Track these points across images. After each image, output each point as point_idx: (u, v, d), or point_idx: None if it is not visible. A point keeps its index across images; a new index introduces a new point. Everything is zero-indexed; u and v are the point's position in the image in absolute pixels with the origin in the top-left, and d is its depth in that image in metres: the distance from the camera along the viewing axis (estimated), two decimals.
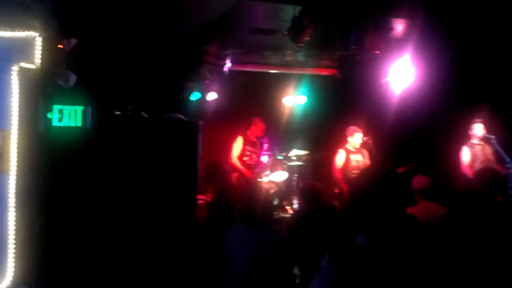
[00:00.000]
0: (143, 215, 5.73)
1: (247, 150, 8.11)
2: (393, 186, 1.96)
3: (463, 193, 4.11)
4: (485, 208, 3.91)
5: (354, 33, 5.63)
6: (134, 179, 5.83)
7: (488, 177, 4.68)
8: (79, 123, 5.42)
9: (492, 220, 3.76)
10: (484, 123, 7.25)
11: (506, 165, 6.66)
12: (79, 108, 5.40)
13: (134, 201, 5.74)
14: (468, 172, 7.00)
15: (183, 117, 6.70)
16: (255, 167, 8.17)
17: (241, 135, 8.11)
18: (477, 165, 7.04)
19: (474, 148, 7.24)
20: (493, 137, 6.96)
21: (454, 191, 6.60)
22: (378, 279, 1.82)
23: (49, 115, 5.01)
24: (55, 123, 5.32)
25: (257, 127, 8.17)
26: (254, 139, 8.20)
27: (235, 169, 8.05)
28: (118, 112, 6.07)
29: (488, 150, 7.18)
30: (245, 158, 8.08)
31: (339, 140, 7.86)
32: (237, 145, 8.05)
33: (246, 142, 8.10)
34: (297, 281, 4.30)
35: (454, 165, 7.33)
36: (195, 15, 5.79)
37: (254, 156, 8.20)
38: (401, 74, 6.49)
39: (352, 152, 7.63)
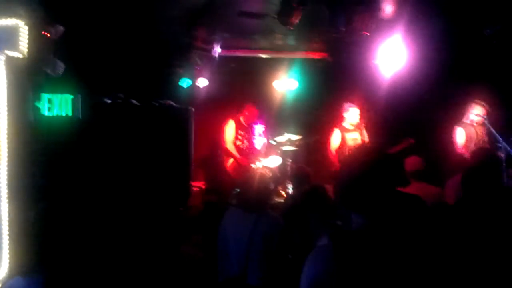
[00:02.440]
0: (136, 203, 5.71)
1: (239, 135, 8.00)
2: (384, 166, 1.96)
3: (463, 174, 4.12)
4: (487, 189, 3.90)
5: (343, 15, 5.60)
6: (126, 168, 5.80)
7: (486, 156, 4.70)
8: (69, 112, 5.37)
9: (494, 201, 3.76)
10: (483, 104, 7.20)
11: (498, 144, 6.66)
12: (69, 97, 5.35)
13: (127, 189, 5.72)
14: (465, 153, 7.00)
15: (174, 103, 6.66)
16: (247, 152, 8.10)
17: (233, 118, 7.99)
18: (472, 146, 7.04)
19: (468, 128, 7.23)
20: (485, 116, 6.96)
21: (449, 171, 6.62)
22: (375, 259, 1.82)
23: (38, 105, 4.96)
24: (45, 112, 5.28)
25: (250, 113, 8.06)
26: (246, 125, 8.12)
27: (229, 155, 7.95)
28: (108, 100, 6.03)
29: (482, 130, 7.16)
30: (238, 143, 7.98)
31: (334, 120, 7.82)
32: (230, 128, 7.85)
33: (238, 126, 7.99)
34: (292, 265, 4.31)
35: (447, 145, 7.33)
36: None
37: (245, 141, 8.11)
38: (392, 55, 6.46)
39: (349, 130, 7.58)
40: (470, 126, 7.21)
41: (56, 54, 4.91)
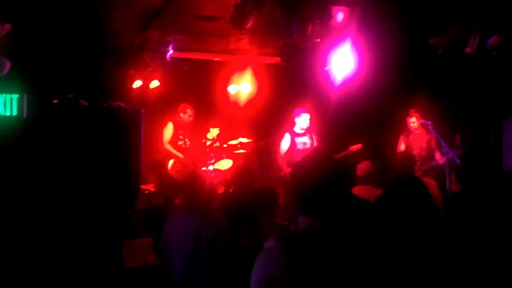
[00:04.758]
0: (84, 206, 5.59)
1: (180, 134, 7.93)
2: (335, 171, 2.01)
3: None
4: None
5: (296, 21, 5.67)
6: (73, 170, 5.67)
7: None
8: (14, 112, 5.22)
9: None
10: (419, 112, 7.41)
11: (442, 150, 6.90)
12: (15, 96, 5.20)
13: (74, 192, 5.59)
14: None
15: (124, 105, 6.56)
16: (191, 151, 8.01)
17: (171, 120, 7.96)
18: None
19: (408, 137, 7.44)
20: (429, 123, 7.16)
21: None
22: (321, 259, 1.86)
23: None
24: None
25: (185, 113, 7.98)
26: (184, 125, 8.05)
27: (170, 155, 7.88)
28: (56, 101, 5.88)
29: (425, 137, 7.36)
30: (180, 143, 7.91)
31: (286, 124, 7.88)
32: (168, 131, 7.86)
33: (177, 127, 7.92)
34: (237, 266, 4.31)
35: (392, 151, 7.53)
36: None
37: (187, 140, 8.03)
38: (343, 61, 6.58)
39: (299, 134, 7.61)
40: (412, 135, 7.42)
41: (2, 52, 4.75)
